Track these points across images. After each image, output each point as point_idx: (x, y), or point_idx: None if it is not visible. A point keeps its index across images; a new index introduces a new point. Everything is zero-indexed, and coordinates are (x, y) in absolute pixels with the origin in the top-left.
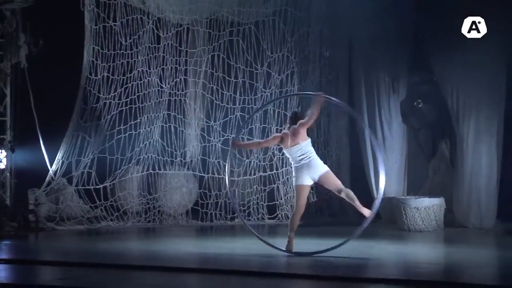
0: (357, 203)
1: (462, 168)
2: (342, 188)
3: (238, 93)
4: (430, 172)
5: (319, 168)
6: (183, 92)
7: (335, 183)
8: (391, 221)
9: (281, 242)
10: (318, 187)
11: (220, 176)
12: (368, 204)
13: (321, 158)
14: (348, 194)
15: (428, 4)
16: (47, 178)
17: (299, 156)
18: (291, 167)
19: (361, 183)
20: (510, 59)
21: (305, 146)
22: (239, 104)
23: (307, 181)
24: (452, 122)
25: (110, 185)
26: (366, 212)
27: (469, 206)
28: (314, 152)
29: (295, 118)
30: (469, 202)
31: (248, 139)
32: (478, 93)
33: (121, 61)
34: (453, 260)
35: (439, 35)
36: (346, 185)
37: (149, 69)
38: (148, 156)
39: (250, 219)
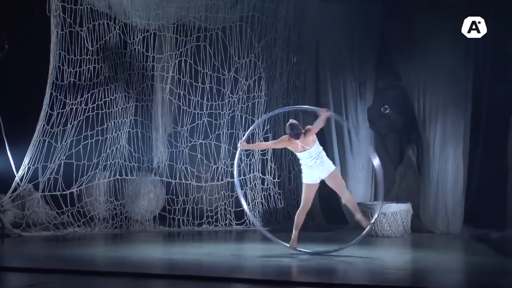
0: (357, 212)
1: (428, 174)
2: (345, 192)
3: (205, 99)
4: (397, 178)
5: (328, 167)
6: (150, 98)
7: (340, 184)
8: (358, 226)
9: (249, 247)
10: (285, 192)
11: (187, 182)
12: (335, 211)
13: (288, 164)
14: (349, 200)
15: (394, 9)
16: (13, 184)
17: (308, 159)
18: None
19: (328, 188)
20: (476, 62)
21: (313, 151)
22: (206, 110)
23: (315, 179)
24: (419, 128)
25: (76, 191)
26: (364, 223)
27: (436, 212)
28: (324, 153)
29: (292, 129)
30: (436, 208)
31: (215, 145)
32: (444, 98)
33: (88, 66)
34: (420, 266)
35: (404, 39)
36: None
37: (116, 74)
38: (115, 162)
39: (217, 225)
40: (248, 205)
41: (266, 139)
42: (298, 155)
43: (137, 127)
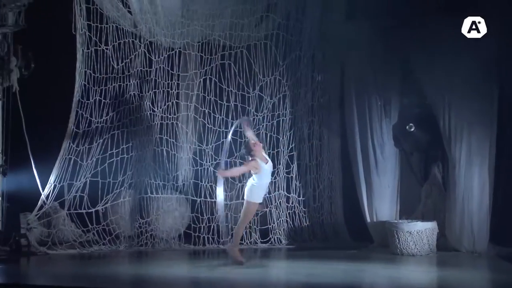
0: (235, 245)
1: (454, 192)
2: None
3: (230, 117)
4: (423, 196)
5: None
6: (175, 116)
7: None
8: (383, 245)
9: (275, 265)
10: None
11: (212, 200)
12: (361, 228)
13: (313, 182)
14: (237, 230)
15: (418, 27)
16: (39, 202)
17: (267, 177)
18: (253, 183)
19: (353, 207)
20: (501, 80)
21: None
22: (231, 128)
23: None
24: (444, 145)
25: (102, 209)
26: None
27: (461, 230)
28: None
29: (249, 149)
30: (462, 226)
31: (240, 163)
32: (469, 115)
33: (113, 84)
34: (446, 285)
35: (429, 57)
36: (338, 208)
37: (141, 92)
38: (140, 180)
39: (242, 243)
40: (273, 223)
41: (290, 158)
42: (266, 167)
43: (162, 145)
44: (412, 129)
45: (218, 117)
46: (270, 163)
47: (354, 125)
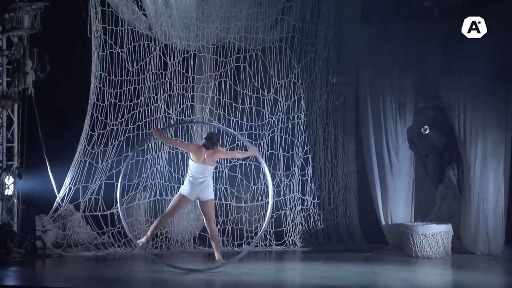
0: (215, 246)
1: (469, 194)
2: (211, 223)
3: (245, 119)
4: (438, 199)
5: (208, 193)
6: (190, 118)
7: (210, 213)
8: (398, 247)
9: (289, 268)
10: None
11: (227, 202)
12: (376, 231)
13: (328, 184)
14: (213, 234)
15: (433, 29)
16: (55, 204)
17: (200, 175)
18: (186, 177)
19: (368, 209)
20: None
21: (209, 169)
22: (246, 130)
23: (192, 196)
24: (459, 148)
25: (117, 211)
26: (219, 258)
27: (476, 233)
28: (212, 177)
29: (211, 138)
30: (477, 229)
31: (255, 165)
32: (484, 118)
33: (128, 87)
34: (461, 287)
35: (443, 60)
36: (353, 210)
37: (156, 95)
38: (155, 182)
39: (257, 246)
40: (288, 225)
41: (305, 160)
42: (194, 164)
43: (177, 148)
44: (427, 132)
45: (233, 120)
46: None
47: (369, 127)
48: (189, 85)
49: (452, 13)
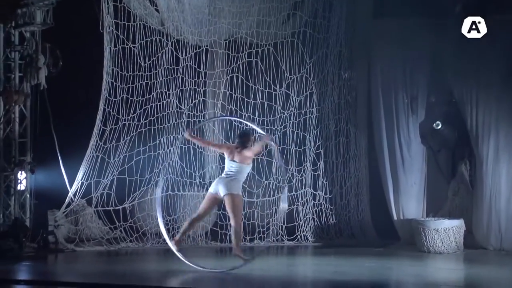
0: (237, 245)
1: (481, 189)
2: (234, 220)
3: (257, 114)
4: (450, 194)
5: (228, 188)
6: (202, 114)
7: (233, 210)
8: (410, 242)
9: (301, 263)
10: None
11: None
12: (387, 226)
13: (340, 180)
14: (235, 229)
15: (445, 24)
16: (67, 199)
17: (231, 171)
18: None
19: (380, 204)
20: None
21: (243, 168)
22: (258, 125)
23: (220, 193)
24: (471, 143)
25: (129, 206)
26: (242, 256)
27: (489, 228)
28: (243, 176)
29: (240, 137)
30: (489, 224)
31: (266, 160)
32: (497, 113)
33: (140, 82)
34: (473, 282)
35: (456, 54)
36: (364, 205)
37: (168, 90)
38: (167, 177)
39: (269, 241)
40: (300, 220)
41: (317, 155)
42: (227, 162)
43: (189, 143)
44: (439, 127)
45: (244, 115)
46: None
47: (381, 122)
48: (201, 80)
49: (466, 8)
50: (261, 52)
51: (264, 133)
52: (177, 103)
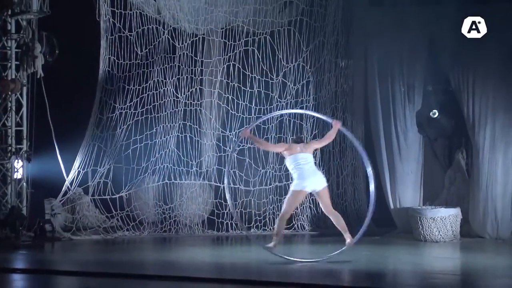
0: (343, 230)
1: (478, 178)
2: (330, 210)
3: (253, 103)
4: (446, 182)
5: (322, 181)
6: (199, 102)
7: (327, 201)
8: (406, 231)
9: (298, 251)
10: (333, 197)
11: (236, 186)
12: (383, 215)
13: (336, 168)
14: (334, 219)
15: (443, 12)
16: (64, 188)
17: (303, 161)
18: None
19: (377, 193)
20: None
21: (309, 157)
22: (254, 114)
23: (307, 188)
24: (468, 132)
25: (126, 195)
26: (349, 241)
27: (485, 216)
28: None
29: (300, 141)
30: (485, 212)
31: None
32: (493, 102)
33: (137, 71)
34: (470, 271)
35: (453, 43)
36: (361, 194)
37: (165, 79)
38: (164, 166)
39: (266, 229)
40: (297, 209)
41: None
42: (294, 157)
43: (186, 132)
44: (436, 116)
45: (241, 103)
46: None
47: (378, 111)
48: (197, 69)
49: None
50: (257, 41)
51: (331, 120)
52: (174, 91)
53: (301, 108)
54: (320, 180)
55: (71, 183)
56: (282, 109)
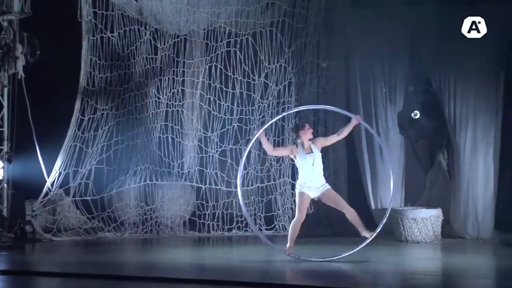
0: (357, 225)
1: (459, 179)
2: (345, 208)
3: (235, 104)
4: (428, 183)
5: (321, 186)
6: (181, 103)
7: (336, 201)
8: (388, 231)
9: (279, 252)
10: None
11: (217, 187)
12: (364, 215)
13: None
14: (349, 216)
15: (424, 13)
16: (44, 189)
17: (306, 163)
18: (297, 177)
19: (358, 194)
20: (507, 65)
21: (313, 157)
22: (236, 115)
23: (309, 193)
24: (449, 133)
25: (107, 196)
26: (365, 234)
27: (466, 217)
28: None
29: (297, 128)
30: (466, 213)
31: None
32: (475, 103)
33: (119, 72)
34: (451, 271)
35: (434, 44)
36: (343, 195)
37: (147, 80)
38: (146, 167)
39: (247, 230)
40: (278, 210)
41: None
42: (299, 157)
43: (168, 133)
44: (417, 116)
45: (223, 104)
46: (313, 155)
47: (359, 112)
48: (179, 70)
49: None
50: (239, 42)
51: (352, 115)
52: (156, 92)
53: (283, 109)
54: (320, 185)
55: (52, 184)
56: (265, 111)
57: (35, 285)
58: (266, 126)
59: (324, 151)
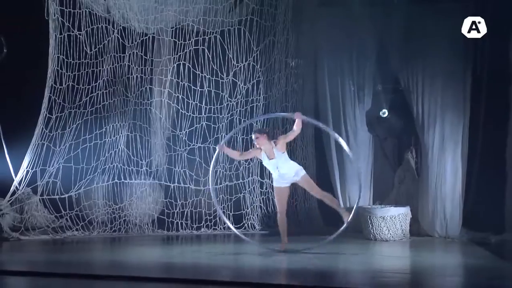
0: (331, 202)
1: (427, 177)
2: (316, 192)
3: (203, 102)
4: (396, 181)
5: (297, 171)
6: (149, 101)
7: (309, 187)
8: (356, 230)
9: (248, 250)
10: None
11: (186, 186)
12: (334, 213)
13: None
14: (326, 197)
15: (392, 12)
16: (12, 188)
17: (276, 168)
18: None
19: (327, 192)
20: (474, 65)
21: (279, 153)
22: (204, 113)
23: (286, 182)
24: (417, 131)
25: (75, 194)
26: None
27: (434, 215)
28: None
29: (253, 142)
30: (434, 211)
31: (213, 148)
32: (442, 101)
33: (86, 70)
34: (419, 269)
35: (402, 43)
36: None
37: (115, 78)
38: (114, 166)
39: (216, 229)
40: (247, 208)
41: None
42: (264, 156)
43: (136, 131)
44: (386, 115)
45: (191, 103)
46: (275, 161)
47: (327, 110)
48: (147, 68)
49: None
50: (208, 40)
51: (291, 114)
52: (124, 90)
53: (251, 107)
54: (295, 170)
55: (19, 183)
56: (233, 109)
57: (3, 285)
58: (222, 142)
59: (293, 149)
